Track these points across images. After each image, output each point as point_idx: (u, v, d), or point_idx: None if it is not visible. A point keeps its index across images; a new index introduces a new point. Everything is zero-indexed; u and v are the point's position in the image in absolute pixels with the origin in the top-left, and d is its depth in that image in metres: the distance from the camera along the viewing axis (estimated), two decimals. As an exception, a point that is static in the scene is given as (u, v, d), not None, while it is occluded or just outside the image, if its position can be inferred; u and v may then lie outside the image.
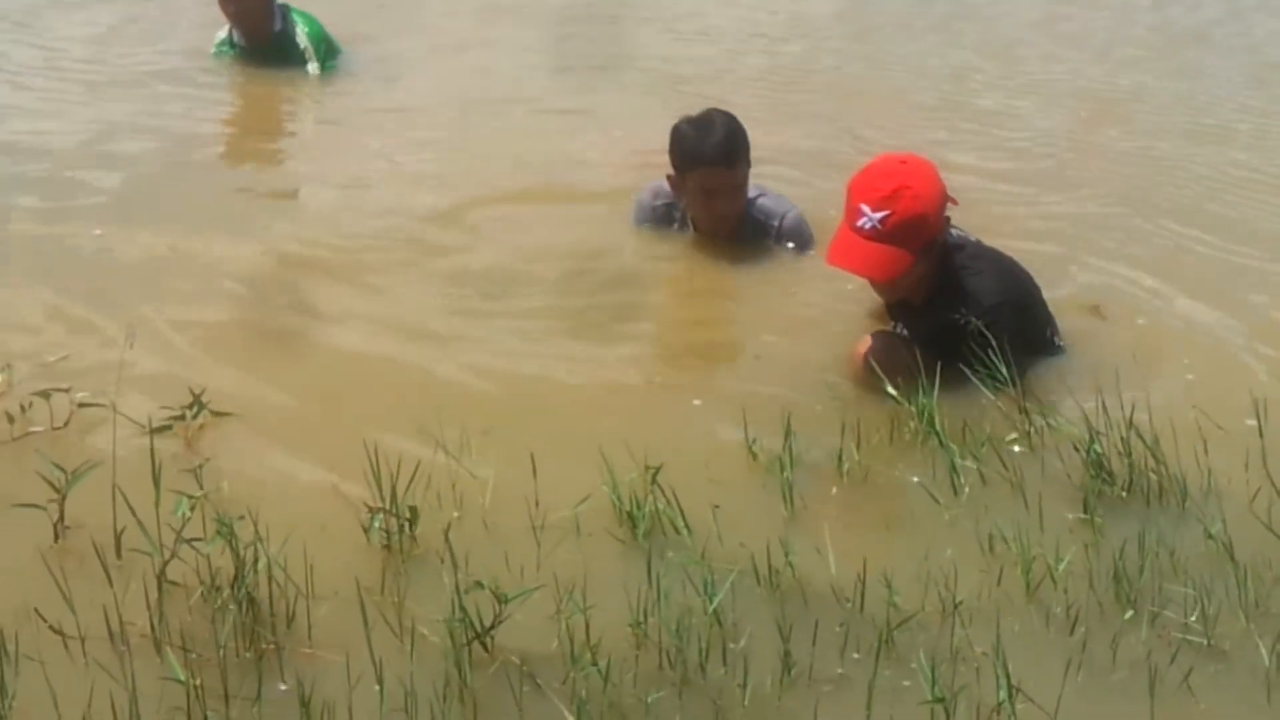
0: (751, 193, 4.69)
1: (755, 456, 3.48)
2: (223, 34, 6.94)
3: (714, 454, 3.53)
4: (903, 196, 3.74)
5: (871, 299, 4.17)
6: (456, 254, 4.75)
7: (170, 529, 2.84)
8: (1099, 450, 3.43)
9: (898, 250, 3.75)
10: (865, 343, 3.91)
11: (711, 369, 4.00)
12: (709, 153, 4.54)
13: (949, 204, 3.85)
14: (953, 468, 3.41)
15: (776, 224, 4.70)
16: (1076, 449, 3.48)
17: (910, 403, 3.58)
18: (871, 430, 3.57)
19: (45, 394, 3.35)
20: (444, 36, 7.81)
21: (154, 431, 3.24)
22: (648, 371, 4.02)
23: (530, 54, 7.51)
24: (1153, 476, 3.41)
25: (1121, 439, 3.46)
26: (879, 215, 3.73)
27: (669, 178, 4.67)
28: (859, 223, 3.76)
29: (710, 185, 4.58)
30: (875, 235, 3.75)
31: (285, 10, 6.85)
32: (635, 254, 4.80)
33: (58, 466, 3.00)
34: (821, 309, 4.36)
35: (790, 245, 4.69)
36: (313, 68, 6.78)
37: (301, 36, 6.78)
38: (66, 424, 3.37)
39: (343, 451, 3.26)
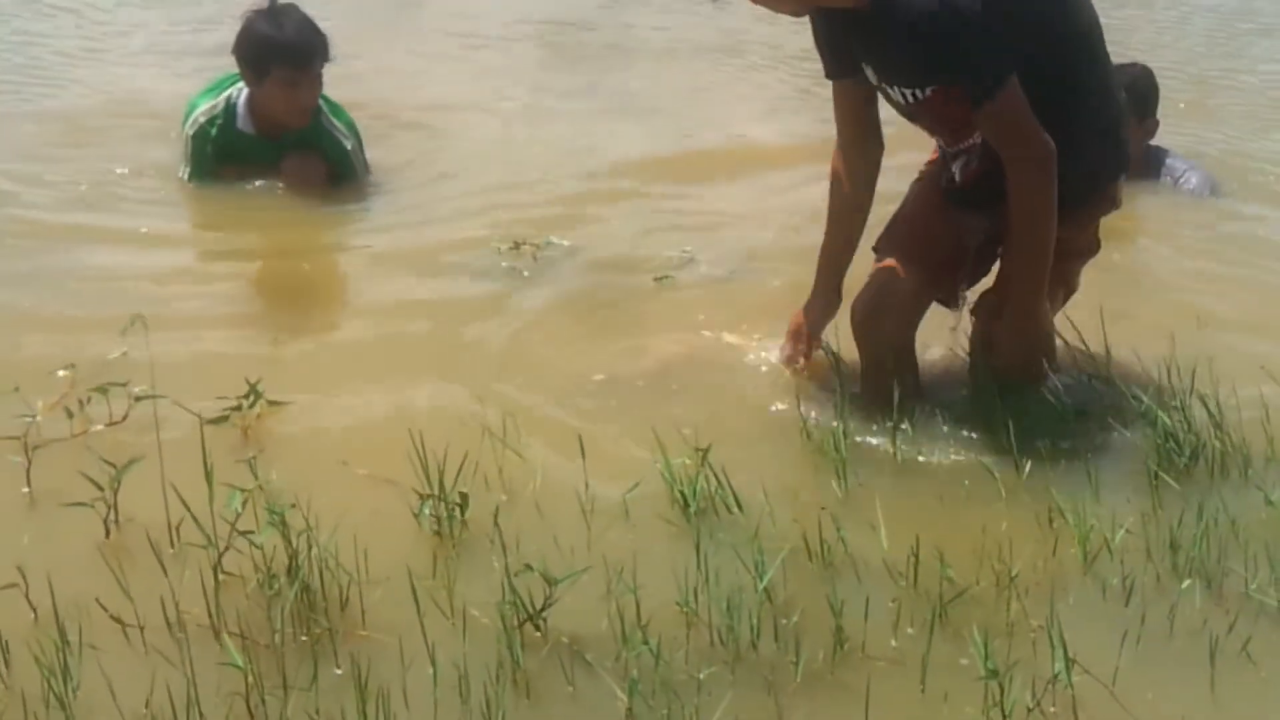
0: None
1: (809, 435, 3.47)
2: (213, 106, 5.02)
3: (767, 433, 3.53)
4: None
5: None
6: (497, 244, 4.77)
7: (224, 520, 2.87)
8: (1166, 421, 3.38)
9: None
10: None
11: (762, 346, 3.97)
12: None
13: None
14: (1010, 439, 3.37)
15: None
16: (1143, 418, 3.43)
17: (969, 377, 3.55)
18: (926, 405, 3.54)
19: (103, 389, 3.39)
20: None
21: (209, 423, 3.27)
22: (696, 349, 4.01)
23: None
24: (1216, 445, 3.36)
25: (1182, 406, 3.41)
26: None
27: None
28: None
29: None
30: None
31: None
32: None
33: (107, 462, 3.04)
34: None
35: None
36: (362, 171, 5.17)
37: (338, 129, 5.09)
38: (125, 418, 3.41)
39: (391, 438, 3.27)
